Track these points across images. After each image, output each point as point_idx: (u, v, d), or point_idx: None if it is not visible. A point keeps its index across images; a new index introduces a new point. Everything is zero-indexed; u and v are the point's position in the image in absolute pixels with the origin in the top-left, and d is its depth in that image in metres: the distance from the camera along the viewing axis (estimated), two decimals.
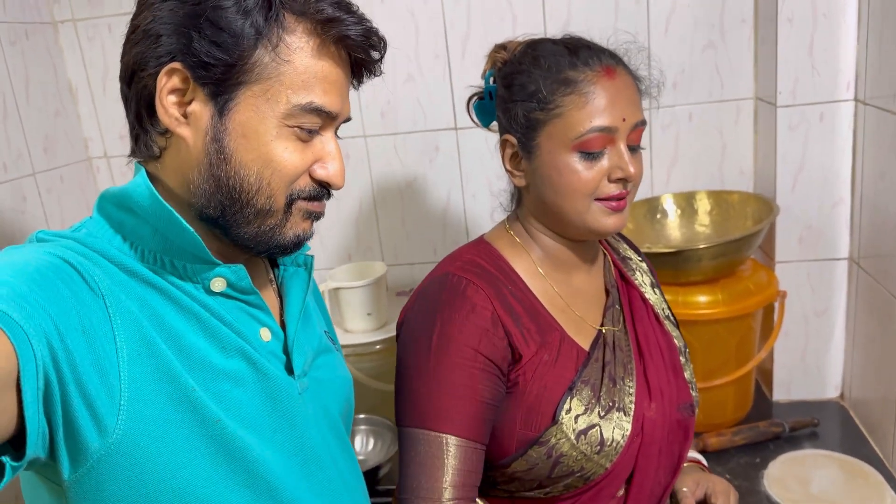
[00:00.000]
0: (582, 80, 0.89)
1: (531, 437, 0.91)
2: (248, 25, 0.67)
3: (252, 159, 0.69)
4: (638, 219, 1.64)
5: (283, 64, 0.68)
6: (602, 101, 0.89)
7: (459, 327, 0.90)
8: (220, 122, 0.68)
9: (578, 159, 0.90)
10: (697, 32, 1.56)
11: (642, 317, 1.03)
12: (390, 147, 1.70)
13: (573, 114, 0.89)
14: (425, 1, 1.59)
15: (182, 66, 0.67)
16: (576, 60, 0.91)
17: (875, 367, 1.42)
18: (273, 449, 0.72)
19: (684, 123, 1.62)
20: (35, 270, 0.60)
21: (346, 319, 1.57)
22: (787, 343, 1.58)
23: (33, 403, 0.55)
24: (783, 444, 1.45)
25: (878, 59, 1.30)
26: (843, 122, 1.43)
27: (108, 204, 0.71)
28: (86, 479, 0.62)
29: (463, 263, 0.96)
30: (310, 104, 0.70)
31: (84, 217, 0.73)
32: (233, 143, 0.68)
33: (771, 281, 1.48)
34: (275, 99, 0.68)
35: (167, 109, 0.69)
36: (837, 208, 1.48)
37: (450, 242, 1.75)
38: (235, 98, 0.68)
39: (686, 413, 0.99)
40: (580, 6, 1.57)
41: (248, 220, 0.71)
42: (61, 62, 1.71)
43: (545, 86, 0.91)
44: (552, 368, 0.92)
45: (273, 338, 0.77)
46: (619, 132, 0.90)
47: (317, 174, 0.73)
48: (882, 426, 1.39)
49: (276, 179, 0.70)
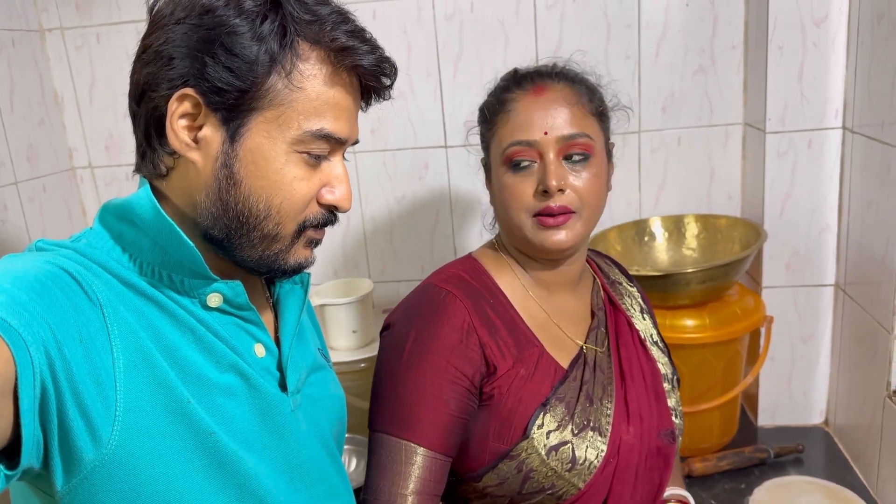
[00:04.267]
0: (510, 100, 0.96)
1: (502, 450, 0.92)
2: (262, 52, 0.66)
3: (262, 186, 0.69)
4: (626, 241, 1.64)
5: (295, 91, 0.68)
6: (523, 117, 0.93)
7: (434, 337, 0.91)
8: (232, 147, 0.68)
9: (509, 173, 0.95)
10: (688, 57, 1.57)
11: (627, 341, 1.03)
12: (380, 164, 1.69)
13: (501, 131, 0.96)
14: (418, 19, 1.59)
15: (195, 91, 0.67)
16: (512, 84, 0.97)
17: (860, 394, 1.42)
18: (265, 464, 0.72)
19: (673, 147, 1.63)
20: (34, 279, 0.60)
21: (331, 336, 1.55)
22: (772, 368, 1.58)
23: (29, 412, 0.55)
24: (768, 469, 1.45)
25: (866, 87, 1.31)
26: (831, 149, 1.44)
27: (109, 215, 0.71)
28: (79, 489, 0.62)
29: (447, 276, 0.98)
30: (320, 131, 0.70)
31: (65, 228, 0.72)
32: (243, 169, 0.68)
33: (758, 306, 1.48)
34: (286, 125, 0.69)
35: (177, 134, 0.68)
36: (824, 235, 1.49)
37: (437, 260, 1.74)
38: (247, 124, 0.68)
39: (666, 440, 0.99)
40: (572, 29, 1.57)
41: (253, 244, 0.71)
42: (47, 70, 1.69)
43: (489, 109, 0.99)
44: (528, 383, 0.93)
45: (267, 354, 0.77)
46: (542, 145, 0.92)
47: (324, 199, 0.73)
48: (867, 454, 1.39)
49: (287, 206, 0.70)
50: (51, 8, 1.66)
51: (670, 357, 1.10)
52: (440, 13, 1.59)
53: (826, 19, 1.38)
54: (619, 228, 1.64)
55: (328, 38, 0.69)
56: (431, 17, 1.59)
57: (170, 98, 0.67)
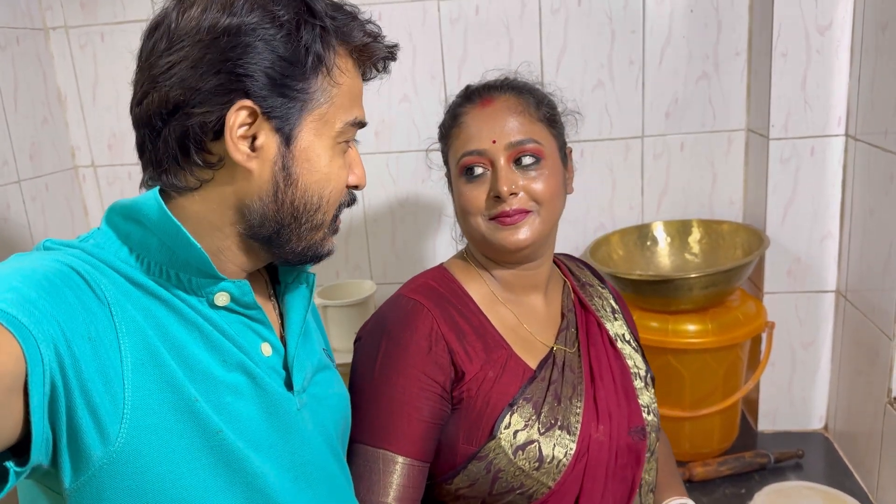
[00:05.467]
0: (460, 113, 1.01)
1: (471, 451, 0.93)
2: (309, 57, 0.71)
3: (316, 181, 0.74)
4: (628, 245, 1.64)
5: (335, 87, 0.74)
6: (473, 129, 0.99)
7: (403, 347, 0.94)
8: (288, 150, 0.72)
9: (464, 181, 0.99)
10: (692, 63, 1.58)
11: (596, 341, 1.05)
12: (383, 166, 1.70)
13: (455, 143, 1.01)
14: (423, 22, 1.60)
15: (252, 102, 0.69)
16: (464, 100, 1.03)
17: (860, 400, 1.43)
18: (270, 463, 0.73)
19: (676, 153, 1.63)
20: (43, 277, 0.61)
21: (333, 338, 1.55)
22: (773, 374, 1.59)
23: (39, 408, 0.56)
24: (768, 475, 1.46)
25: (869, 95, 1.32)
26: (834, 156, 1.45)
27: (116, 216, 0.72)
28: (87, 487, 0.62)
29: (416, 286, 1.01)
30: (355, 120, 0.77)
31: (67, 226, 0.73)
32: (298, 167, 0.73)
33: (759, 312, 1.48)
34: (332, 121, 0.74)
35: (237, 146, 0.69)
36: (826, 242, 1.50)
37: (440, 262, 1.73)
38: (299, 125, 0.72)
39: (637, 437, 1.00)
40: (576, 32, 1.58)
41: (301, 236, 0.76)
42: (51, 69, 1.68)
43: (444, 126, 1.05)
44: (496, 385, 0.95)
45: (273, 353, 0.77)
46: (492, 153, 0.97)
47: (351, 182, 0.79)
48: (867, 460, 1.40)
49: (335, 195, 0.77)
50: (55, 6, 1.66)
51: (643, 355, 1.11)
52: (445, 16, 1.59)
53: (830, 27, 1.39)
54: (621, 233, 1.64)
55: (354, 36, 0.75)
56: (437, 21, 1.60)
57: (219, 113, 0.68)
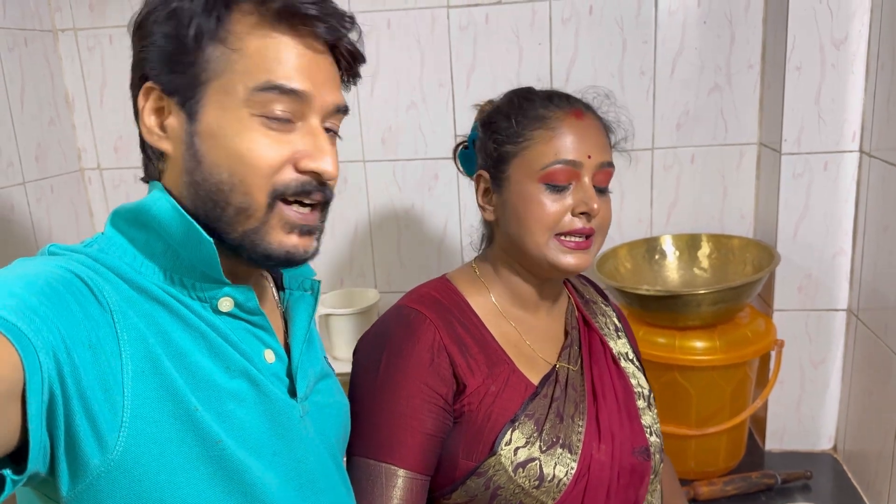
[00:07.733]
0: (551, 117, 0.95)
1: (471, 466, 0.92)
2: (192, 26, 0.68)
3: (222, 157, 0.68)
4: (636, 258, 1.62)
5: (234, 52, 0.68)
6: (568, 137, 0.93)
7: (406, 358, 0.92)
8: (191, 126, 0.69)
9: (544, 191, 0.93)
10: (704, 75, 1.56)
11: (599, 359, 1.03)
12: (389, 173, 1.68)
13: (540, 147, 0.94)
14: (432, 30, 1.58)
15: (152, 83, 0.70)
16: (548, 102, 0.97)
17: (871, 421, 1.40)
18: (274, 471, 0.72)
19: (686, 165, 1.61)
20: (45, 283, 0.60)
21: (335, 346, 1.54)
22: (781, 392, 1.56)
23: (37, 416, 0.55)
24: (775, 495, 1.43)
25: (885, 111, 1.30)
26: (848, 172, 1.42)
27: (121, 220, 0.72)
28: (84, 495, 0.61)
29: (418, 297, 0.99)
30: (267, 83, 0.68)
31: (72, 229, 0.73)
32: (203, 144, 0.69)
33: (769, 329, 1.46)
34: (233, 90, 0.68)
35: (150, 129, 0.71)
36: (838, 259, 1.47)
37: (444, 272, 1.72)
38: (201, 100, 0.69)
39: (641, 457, 0.99)
40: (587, 42, 1.56)
41: (231, 223, 0.70)
42: (59, 71, 1.68)
43: (517, 122, 0.96)
44: (497, 399, 0.93)
45: (277, 360, 0.77)
46: (585, 168, 0.93)
47: (303, 165, 0.70)
48: (877, 482, 1.37)
49: (250, 174, 0.68)
50: (64, 8, 1.66)
51: (646, 375, 1.09)
52: (454, 24, 1.58)
53: (846, 41, 1.37)
54: (629, 245, 1.62)
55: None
56: (446, 28, 1.58)
57: (138, 98, 0.71)
